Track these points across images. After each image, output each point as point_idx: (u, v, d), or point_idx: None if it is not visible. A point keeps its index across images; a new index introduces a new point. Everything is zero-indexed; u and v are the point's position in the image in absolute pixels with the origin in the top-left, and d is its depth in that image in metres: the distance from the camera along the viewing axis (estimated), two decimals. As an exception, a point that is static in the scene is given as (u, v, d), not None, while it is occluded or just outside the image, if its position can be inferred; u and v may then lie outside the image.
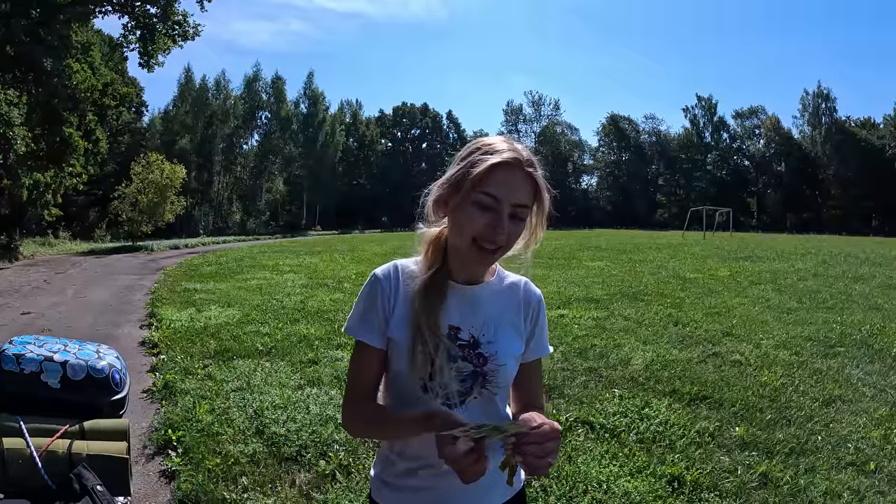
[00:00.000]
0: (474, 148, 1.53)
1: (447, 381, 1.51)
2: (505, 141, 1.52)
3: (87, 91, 28.76)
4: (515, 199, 1.46)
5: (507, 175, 1.45)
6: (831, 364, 6.95)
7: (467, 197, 1.47)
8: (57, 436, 1.92)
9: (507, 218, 1.45)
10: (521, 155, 1.49)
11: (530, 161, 1.50)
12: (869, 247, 28.74)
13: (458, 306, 1.57)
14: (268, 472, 4.10)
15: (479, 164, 1.47)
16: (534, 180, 1.49)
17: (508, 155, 1.47)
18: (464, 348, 1.54)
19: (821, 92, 79.35)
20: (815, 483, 4.04)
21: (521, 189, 1.47)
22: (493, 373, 1.54)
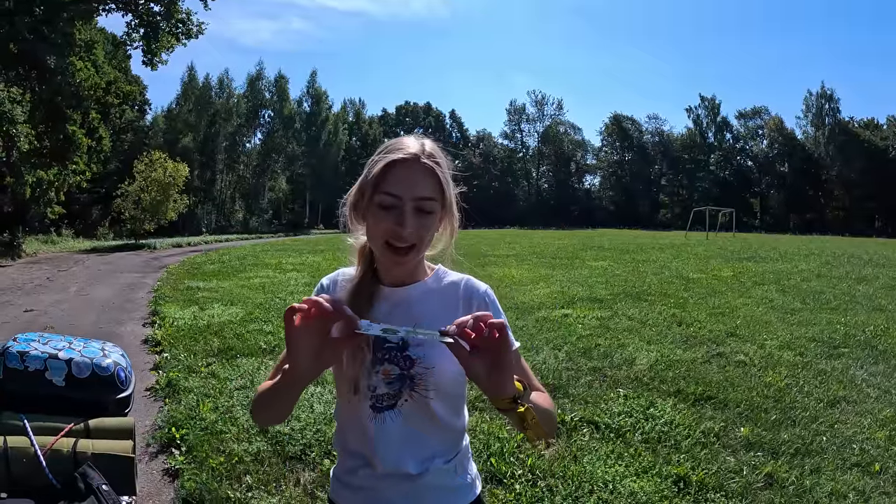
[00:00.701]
0: (378, 150, 1.55)
1: (375, 383, 1.51)
2: (409, 137, 1.54)
3: (91, 89, 28.81)
4: (416, 192, 1.45)
5: (405, 171, 1.45)
6: (836, 365, 6.93)
7: (371, 199, 1.49)
8: (61, 434, 1.90)
9: (411, 214, 1.44)
10: (419, 149, 1.49)
11: (431, 153, 1.50)
12: (872, 248, 28.72)
13: (389, 309, 1.57)
14: (272, 471, 4.10)
15: (376, 165, 1.49)
16: (435, 174, 1.48)
17: (404, 151, 1.47)
18: (391, 351, 1.52)
19: (824, 92, 79.36)
20: (821, 484, 4.03)
21: (422, 183, 1.46)
22: (421, 376, 1.51)
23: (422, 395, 1.51)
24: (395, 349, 1.52)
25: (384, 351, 1.52)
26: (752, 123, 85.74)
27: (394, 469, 1.51)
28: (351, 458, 1.59)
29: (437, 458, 1.55)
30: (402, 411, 1.51)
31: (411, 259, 1.50)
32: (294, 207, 76.51)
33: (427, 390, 1.51)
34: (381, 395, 1.51)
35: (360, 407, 1.52)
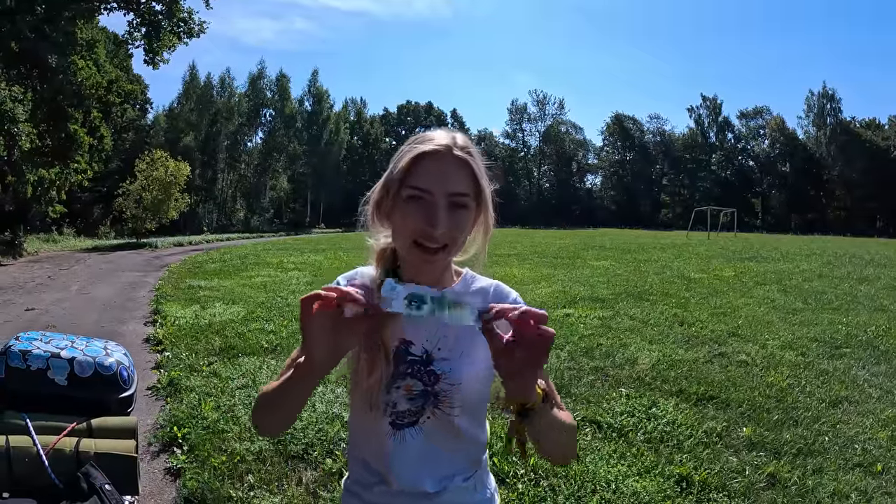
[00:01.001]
0: (406, 144, 1.43)
1: (395, 399, 1.41)
2: (438, 129, 1.42)
3: (92, 88, 28.82)
4: (449, 187, 1.32)
5: (436, 164, 1.33)
6: (837, 365, 6.92)
7: (398, 195, 1.36)
8: (64, 434, 1.90)
9: (443, 210, 1.32)
10: (450, 140, 1.37)
11: (463, 145, 1.37)
12: (873, 248, 28.70)
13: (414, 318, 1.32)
14: (274, 470, 4.09)
15: (403, 158, 1.37)
16: (469, 166, 1.36)
17: (435, 143, 1.36)
18: (414, 364, 1.42)
19: (826, 92, 79.33)
20: (823, 484, 4.03)
21: (455, 176, 1.34)
22: (446, 393, 1.41)
23: (446, 412, 1.42)
24: (418, 363, 1.42)
25: (406, 365, 1.41)
26: (753, 123, 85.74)
27: (410, 487, 1.43)
28: (365, 471, 1.50)
29: (456, 475, 1.47)
30: (423, 428, 1.42)
31: (441, 259, 1.38)
32: (295, 206, 76.51)
33: (452, 407, 1.42)
34: (402, 412, 1.41)
35: (379, 422, 1.42)
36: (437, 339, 1.43)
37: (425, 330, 1.42)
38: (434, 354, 1.42)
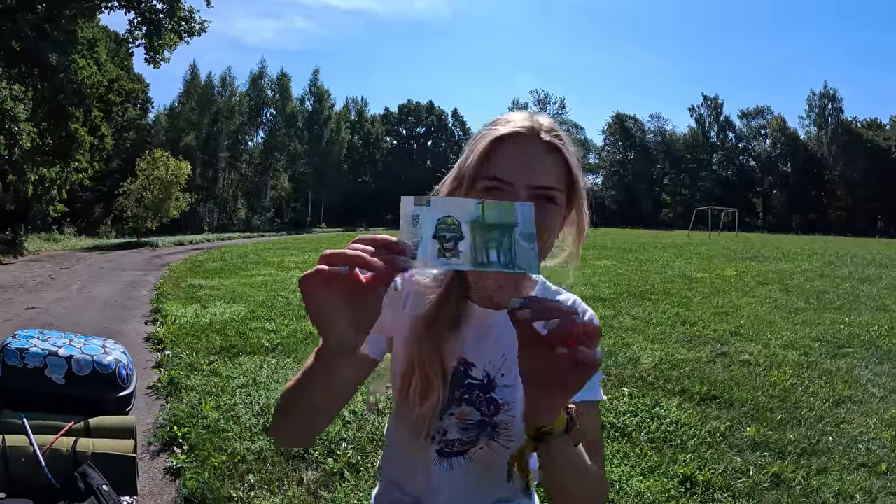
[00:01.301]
0: (482, 127, 1.22)
1: (446, 426, 1.25)
2: (521, 112, 1.20)
3: (93, 87, 28.82)
4: (534, 178, 1.11)
5: (518, 150, 1.13)
6: (840, 365, 6.91)
7: (472, 188, 1.16)
8: (61, 433, 1.87)
9: None
10: (535, 122, 1.15)
11: (552, 128, 1.16)
12: (875, 248, 28.70)
13: (477, 335, 1.25)
14: (275, 470, 4.06)
15: (479, 143, 1.16)
16: (560, 154, 1.15)
17: (517, 124, 1.14)
18: (472, 389, 1.24)
19: (827, 92, 79.34)
20: (828, 484, 4.01)
21: (542, 166, 1.12)
22: (507, 425, 1.24)
23: (502, 444, 1.25)
24: (477, 388, 1.24)
25: (464, 389, 1.24)
26: (754, 123, 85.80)
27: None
28: (399, 492, 1.36)
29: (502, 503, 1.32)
30: (473, 458, 1.26)
31: None
32: (296, 206, 76.52)
33: (510, 440, 1.25)
34: (452, 441, 1.26)
35: (425, 447, 1.26)
36: (502, 362, 1.24)
37: (488, 351, 1.24)
38: (496, 380, 1.24)
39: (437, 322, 1.22)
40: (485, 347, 1.25)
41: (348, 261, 0.81)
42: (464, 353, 1.24)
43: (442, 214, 0.87)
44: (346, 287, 0.84)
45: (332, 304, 0.85)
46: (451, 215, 0.87)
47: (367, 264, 0.80)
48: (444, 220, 0.86)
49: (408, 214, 0.86)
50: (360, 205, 76.82)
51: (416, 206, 0.86)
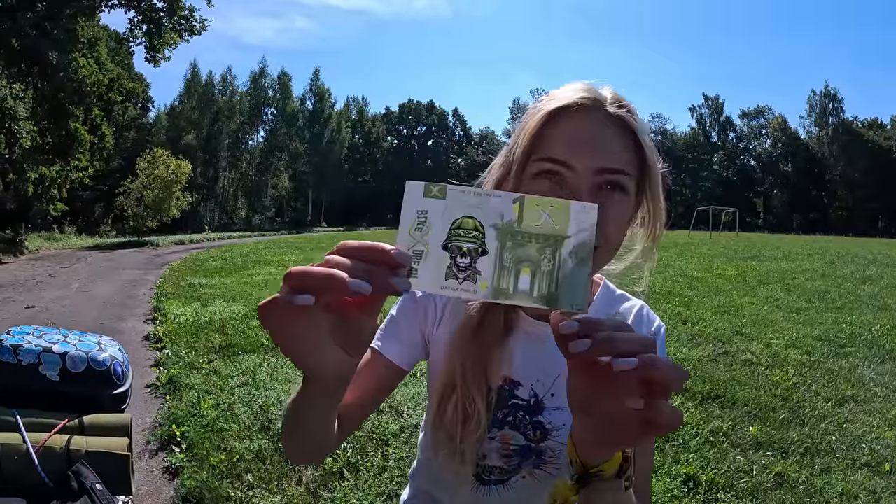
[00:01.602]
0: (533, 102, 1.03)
1: (487, 451, 1.11)
2: (577, 83, 0.99)
3: (93, 86, 28.80)
4: (600, 161, 0.91)
5: (579, 125, 0.93)
6: (843, 364, 6.88)
7: (523, 173, 0.97)
8: (55, 431, 1.85)
9: (590, 192, 0.90)
10: (600, 94, 0.96)
11: (617, 100, 0.96)
12: (876, 248, 28.61)
13: (526, 350, 1.09)
14: (274, 470, 4.04)
15: (533, 118, 0.97)
16: (631, 132, 0.95)
17: (576, 95, 0.95)
18: (517, 411, 1.09)
19: (828, 92, 79.31)
20: (832, 483, 3.99)
21: (609, 145, 0.93)
22: (555, 453, 1.09)
23: (549, 473, 1.11)
24: (522, 410, 1.09)
25: (508, 410, 1.09)
26: (755, 123, 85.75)
27: None
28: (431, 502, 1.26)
29: None
30: (514, 487, 1.13)
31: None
32: (297, 205, 76.58)
33: (557, 468, 1.10)
34: (492, 468, 1.12)
35: (462, 470, 1.11)
36: (553, 380, 1.08)
37: (538, 368, 1.09)
38: (545, 402, 1.09)
39: (482, 331, 1.06)
40: (534, 363, 1.09)
41: (319, 285, 0.59)
42: (510, 372, 1.09)
43: (460, 214, 0.65)
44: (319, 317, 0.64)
45: (303, 338, 0.64)
46: (474, 216, 0.65)
47: (344, 289, 0.58)
48: (461, 223, 0.65)
49: (413, 209, 0.65)
50: (361, 204, 76.91)
51: (424, 199, 0.65)
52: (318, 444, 0.93)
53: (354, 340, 0.67)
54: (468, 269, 0.64)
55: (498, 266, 0.64)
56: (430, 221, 0.64)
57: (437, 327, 1.14)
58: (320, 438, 0.90)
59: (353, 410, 1.06)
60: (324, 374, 0.68)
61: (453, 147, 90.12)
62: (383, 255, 0.61)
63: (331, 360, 0.66)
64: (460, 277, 0.63)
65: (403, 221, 0.64)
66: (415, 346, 1.15)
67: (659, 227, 1.08)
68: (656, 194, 1.02)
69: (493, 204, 0.65)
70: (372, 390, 1.11)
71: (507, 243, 0.64)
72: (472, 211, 0.65)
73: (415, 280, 0.63)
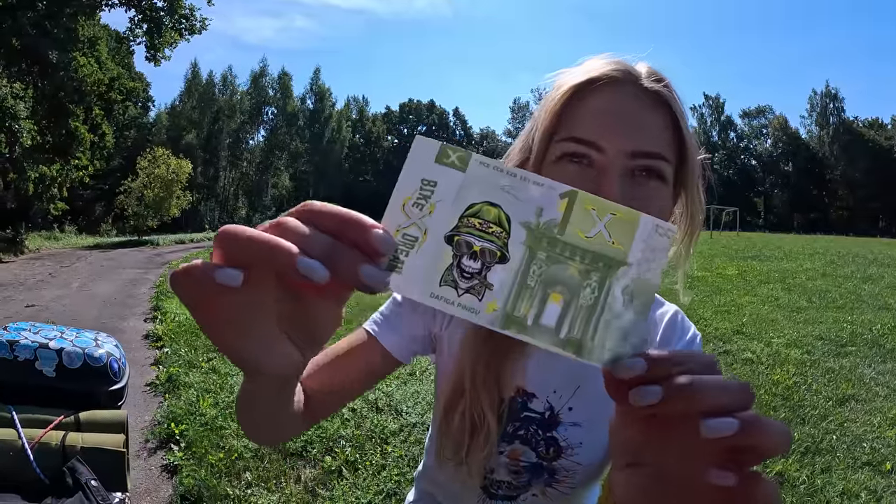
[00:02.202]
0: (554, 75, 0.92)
1: (495, 465, 1.01)
2: (605, 55, 0.90)
3: (94, 85, 28.79)
4: (634, 143, 0.80)
5: (610, 100, 0.82)
6: (843, 363, 6.87)
7: (543, 157, 0.86)
8: (50, 427, 1.84)
9: (621, 178, 0.79)
10: (636, 68, 0.86)
11: (653, 73, 0.86)
12: (877, 248, 28.59)
13: (542, 358, 0.97)
14: (272, 468, 4.03)
15: (557, 93, 0.86)
16: (669, 111, 0.84)
17: (607, 67, 0.84)
18: (529, 425, 0.98)
19: (829, 92, 79.18)
20: (832, 483, 3.98)
21: (644, 126, 0.81)
22: (569, 472, 1.00)
23: (561, 492, 1.03)
24: (535, 423, 0.98)
25: (519, 423, 0.99)
26: (756, 122, 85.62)
27: None
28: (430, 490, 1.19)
29: None
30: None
31: None
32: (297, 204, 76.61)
33: (571, 487, 1.02)
34: (500, 482, 1.03)
35: (469, 482, 1.03)
36: (572, 392, 0.98)
37: (555, 378, 0.98)
38: (561, 416, 0.98)
39: (493, 336, 0.93)
40: (551, 372, 0.98)
41: (257, 257, 0.43)
42: (523, 382, 0.98)
43: (481, 198, 0.46)
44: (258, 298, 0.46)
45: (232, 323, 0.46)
46: (500, 205, 0.46)
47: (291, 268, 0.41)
48: (480, 211, 0.46)
49: (416, 176, 0.47)
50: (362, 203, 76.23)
51: (436, 164, 0.47)
52: (272, 428, 0.82)
53: (307, 333, 0.50)
54: (475, 278, 0.45)
55: (519, 283, 0.46)
56: (438, 199, 0.46)
57: (446, 325, 1.03)
58: (273, 423, 0.79)
59: (334, 397, 0.97)
60: (264, 371, 0.49)
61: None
62: (359, 231, 0.43)
63: (273, 354, 0.48)
64: (461, 287, 0.45)
65: (399, 191, 0.46)
66: (415, 341, 1.02)
67: (696, 224, 0.97)
68: (695, 185, 0.92)
69: (531, 192, 0.47)
70: (362, 378, 1.00)
71: (539, 253, 0.46)
72: (498, 196, 0.46)
73: (396, 276, 0.45)
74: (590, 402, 0.96)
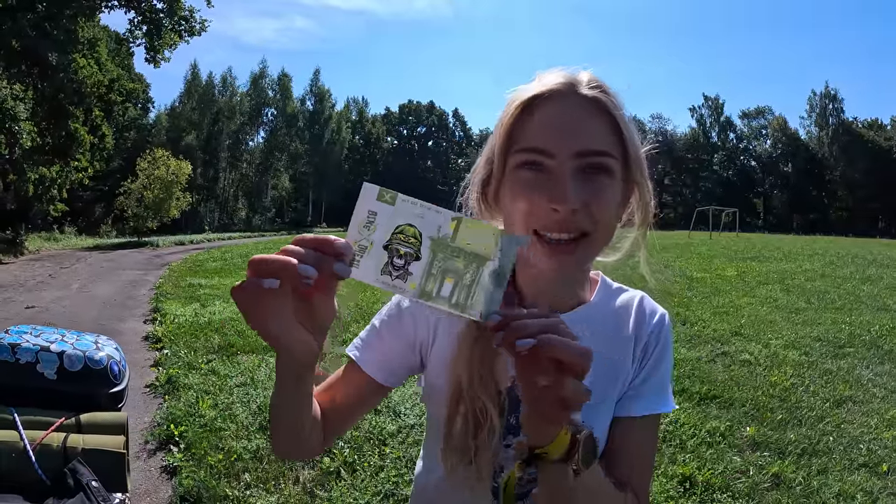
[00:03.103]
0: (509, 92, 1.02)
1: (504, 461, 1.04)
2: (554, 69, 0.99)
3: (94, 86, 28.84)
4: (579, 144, 0.91)
5: (555, 111, 0.93)
6: (841, 365, 6.89)
7: (504, 166, 0.98)
8: (52, 429, 1.85)
9: (571, 178, 0.90)
10: (575, 78, 0.96)
11: (593, 81, 0.96)
12: (876, 248, 28.59)
13: None
14: (271, 469, 4.05)
15: (510, 109, 0.97)
16: (608, 113, 0.94)
17: (552, 82, 0.95)
18: None
19: (828, 92, 79.24)
20: (829, 484, 4.00)
21: (586, 129, 0.92)
22: None
23: None
24: None
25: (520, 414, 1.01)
26: (755, 123, 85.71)
27: None
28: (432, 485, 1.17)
29: None
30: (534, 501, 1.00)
31: (580, 258, 0.96)
32: (297, 206, 76.60)
33: None
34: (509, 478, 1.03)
35: (477, 487, 1.05)
36: None
37: None
38: None
39: (485, 333, 0.95)
40: None
41: (278, 270, 0.70)
42: None
43: (404, 221, 0.75)
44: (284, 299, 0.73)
45: (273, 316, 0.74)
46: (415, 226, 0.75)
47: (294, 273, 0.69)
48: (403, 229, 0.75)
49: (365, 209, 0.75)
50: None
51: (377, 201, 0.75)
52: (294, 432, 0.96)
53: (313, 321, 0.78)
54: (401, 270, 0.74)
55: (427, 272, 0.74)
56: (378, 223, 0.75)
57: (431, 343, 1.12)
58: (296, 426, 0.95)
59: (334, 415, 1.09)
60: (292, 351, 0.79)
61: (453, 148, 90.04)
62: (328, 245, 0.71)
63: (297, 337, 0.77)
64: (393, 275, 0.75)
65: (355, 218, 0.75)
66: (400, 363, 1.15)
67: (650, 211, 1.09)
68: (643, 176, 1.02)
69: (433, 218, 0.75)
70: (352, 398, 1.13)
71: (438, 254, 0.75)
72: (414, 220, 0.75)
73: (355, 269, 0.74)
74: None
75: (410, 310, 1.13)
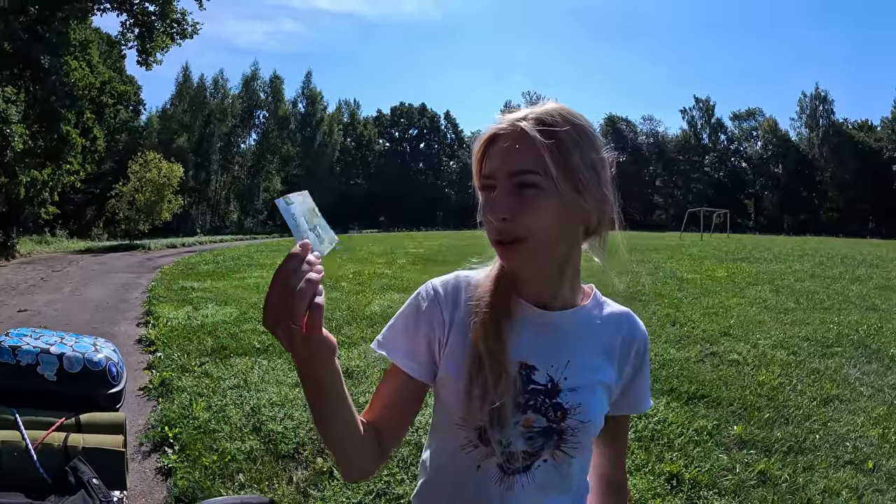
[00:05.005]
0: None
1: (511, 437, 1.15)
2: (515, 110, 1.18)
3: (85, 89, 28.76)
4: (508, 167, 1.09)
5: (501, 144, 1.11)
6: (829, 364, 6.94)
7: (479, 186, 1.16)
8: (53, 428, 1.90)
9: (504, 194, 1.09)
10: (523, 114, 1.14)
11: (537, 116, 1.12)
12: (866, 249, 28.75)
13: (535, 337, 1.19)
14: (265, 470, 4.09)
15: (475, 147, 1.18)
16: (528, 138, 1.08)
17: (503, 124, 1.13)
18: (537, 395, 1.16)
19: (818, 94, 79.46)
20: (814, 481, 4.04)
21: (519, 154, 1.08)
22: (574, 431, 1.16)
23: (567, 453, 1.18)
24: (541, 393, 1.16)
25: (528, 395, 1.16)
26: (746, 125, 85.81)
27: None
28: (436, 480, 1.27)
29: None
30: (535, 474, 1.17)
31: (519, 256, 1.11)
32: (289, 208, 76.40)
33: (574, 448, 1.18)
34: (516, 454, 1.15)
35: (483, 465, 1.17)
36: (564, 364, 1.18)
37: (549, 354, 1.19)
38: (560, 384, 1.17)
39: (495, 311, 1.17)
40: (544, 349, 1.18)
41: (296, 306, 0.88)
42: (524, 357, 1.17)
43: (304, 209, 0.99)
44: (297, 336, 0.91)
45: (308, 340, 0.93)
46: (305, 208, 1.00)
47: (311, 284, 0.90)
48: (305, 214, 0.99)
49: (288, 214, 0.96)
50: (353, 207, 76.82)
51: (288, 206, 0.96)
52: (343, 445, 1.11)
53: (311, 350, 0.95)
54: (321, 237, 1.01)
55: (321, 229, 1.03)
56: (297, 218, 0.96)
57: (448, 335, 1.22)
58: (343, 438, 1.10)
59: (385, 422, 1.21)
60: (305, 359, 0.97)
61: (445, 150, 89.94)
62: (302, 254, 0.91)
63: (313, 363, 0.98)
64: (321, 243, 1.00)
65: (290, 224, 0.95)
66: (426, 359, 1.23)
67: (602, 217, 1.21)
68: (586, 189, 1.13)
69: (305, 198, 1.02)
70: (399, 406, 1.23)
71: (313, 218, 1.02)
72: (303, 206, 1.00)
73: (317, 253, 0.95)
74: (579, 371, 1.18)
75: (436, 297, 1.24)
